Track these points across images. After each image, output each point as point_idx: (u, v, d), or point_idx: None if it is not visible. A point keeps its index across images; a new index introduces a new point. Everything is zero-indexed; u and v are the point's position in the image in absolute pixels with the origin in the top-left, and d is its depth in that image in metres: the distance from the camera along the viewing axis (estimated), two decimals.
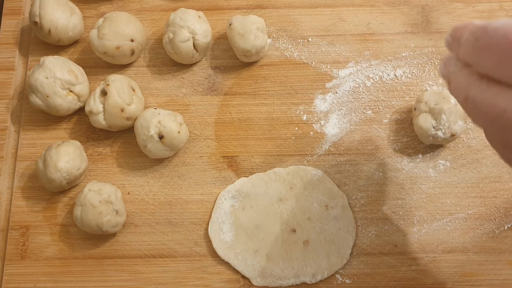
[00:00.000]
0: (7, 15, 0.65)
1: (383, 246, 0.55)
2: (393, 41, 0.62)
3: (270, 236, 0.55)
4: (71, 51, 0.63)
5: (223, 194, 0.56)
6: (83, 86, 0.58)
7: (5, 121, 0.61)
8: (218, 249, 0.54)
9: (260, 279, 0.53)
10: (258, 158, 0.58)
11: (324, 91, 0.60)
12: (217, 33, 0.63)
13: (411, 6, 0.63)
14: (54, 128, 0.60)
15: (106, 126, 0.57)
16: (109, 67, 0.62)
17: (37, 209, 0.57)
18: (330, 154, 0.58)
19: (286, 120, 0.59)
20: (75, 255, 0.56)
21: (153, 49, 0.63)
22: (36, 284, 0.55)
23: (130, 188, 0.58)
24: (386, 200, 0.56)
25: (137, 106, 0.57)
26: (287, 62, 0.62)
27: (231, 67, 0.62)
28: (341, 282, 0.54)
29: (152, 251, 0.56)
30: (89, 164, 0.58)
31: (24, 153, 0.59)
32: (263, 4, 0.64)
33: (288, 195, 0.56)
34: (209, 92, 0.61)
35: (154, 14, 0.64)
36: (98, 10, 0.65)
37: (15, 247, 0.56)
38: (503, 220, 0.55)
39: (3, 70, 0.63)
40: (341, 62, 0.61)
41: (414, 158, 0.57)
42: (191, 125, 0.60)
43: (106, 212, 0.53)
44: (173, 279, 0.55)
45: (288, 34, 0.63)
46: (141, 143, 0.56)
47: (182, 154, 0.59)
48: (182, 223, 0.56)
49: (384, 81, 0.60)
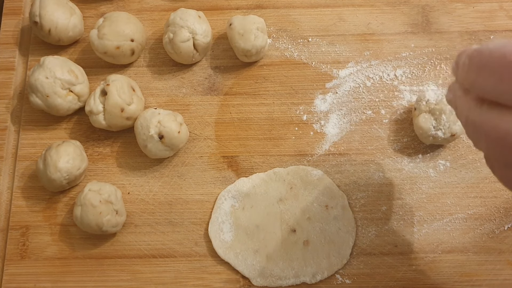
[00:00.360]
0: (7, 15, 0.65)
1: (383, 246, 0.55)
2: (393, 41, 0.62)
3: (270, 236, 0.55)
4: (71, 51, 0.63)
5: (223, 194, 0.56)
6: (83, 86, 0.58)
7: (5, 121, 0.61)
8: (218, 249, 0.55)
9: (260, 279, 0.53)
10: (258, 158, 0.58)
11: (324, 91, 0.60)
12: (217, 33, 0.63)
13: (411, 6, 0.63)
14: (54, 128, 0.60)
15: (106, 126, 0.57)
16: (109, 67, 0.62)
17: (37, 209, 0.57)
18: (330, 154, 0.58)
19: (286, 120, 0.59)
20: (75, 255, 0.56)
21: (153, 49, 0.63)
22: (36, 284, 0.55)
23: (130, 188, 0.58)
24: (386, 200, 0.56)
25: (137, 106, 0.57)
26: (287, 62, 0.62)
27: (231, 67, 0.62)
28: (341, 282, 0.54)
29: (152, 251, 0.56)
30: (89, 164, 0.58)
31: (24, 153, 0.59)
32: (263, 4, 0.64)
33: (288, 195, 0.56)
34: (209, 92, 0.61)
35: (154, 14, 0.64)
36: (98, 10, 0.65)
37: (15, 247, 0.56)
38: (503, 220, 0.55)
39: (3, 70, 0.63)
40: (341, 62, 0.61)
41: (414, 158, 0.57)
42: (191, 125, 0.60)
43: (106, 212, 0.53)
44: (173, 279, 0.55)
45: (288, 34, 0.63)
46: (141, 143, 0.56)
47: (182, 154, 0.59)
48: (182, 223, 0.56)
49: (384, 81, 0.60)
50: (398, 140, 0.58)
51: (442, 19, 0.62)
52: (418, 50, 0.61)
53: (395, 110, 0.59)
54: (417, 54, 0.61)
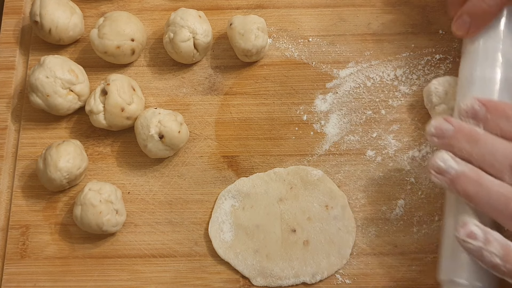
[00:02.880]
0: (8, 14, 0.65)
1: (383, 246, 0.55)
2: (394, 41, 0.62)
3: (270, 236, 0.55)
4: (72, 50, 0.63)
5: (223, 194, 0.56)
6: (84, 86, 0.58)
7: (5, 120, 0.61)
8: (218, 249, 0.55)
9: (260, 279, 0.53)
10: (258, 158, 0.58)
11: (324, 91, 0.60)
12: (218, 32, 0.63)
13: (411, 7, 0.63)
14: (54, 127, 0.60)
15: (106, 126, 0.57)
16: (109, 67, 0.62)
17: (37, 208, 0.57)
18: (330, 154, 0.58)
19: (286, 120, 0.59)
20: (75, 255, 0.56)
21: (154, 48, 0.63)
22: (36, 283, 0.55)
23: (130, 187, 0.58)
24: (386, 200, 0.56)
25: (138, 106, 0.57)
26: (288, 62, 0.62)
27: (231, 67, 0.62)
28: (341, 282, 0.54)
29: (152, 251, 0.56)
30: (89, 164, 0.58)
31: (24, 152, 0.59)
32: (263, 4, 0.64)
33: (288, 195, 0.56)
34: (210, 92, 0.61)
35: (154, 13, 0.64)
36: (99, 9, 0.65)
37: (15, 246, 0.56)
38: None
39: (3, 69, 0.63)
40: (342, 62, 0.61)
41: (415, 158, 0.57)
42: (191, 125, 0.60)
43: (106, 211, 0.53)
44: (173, 278, 0.55)
45: (288, 34, 0.63)
46: (141, 143, 0.56)
47: (182, 154, 0.59)
48: (182, 223, 0.56)
49: (385, 81, 0.60)
50: (398, 140, 0.58)
51: (442, 19, 0.62)
52: (419, 50, 0.61)
53: (396, 110, 0.59)
54: (417, 54, 0.61)
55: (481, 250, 0.42)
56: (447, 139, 0.46)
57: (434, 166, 0.46)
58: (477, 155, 0.44)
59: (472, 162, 0.45)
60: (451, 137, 0.46)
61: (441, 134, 0.46)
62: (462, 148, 0.45)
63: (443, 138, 0.46)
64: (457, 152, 0.45)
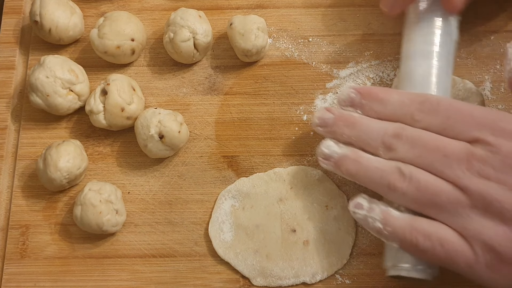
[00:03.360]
0: (8, 14, 0.65)
1: (383, 246, 0.55)
2: (394, 41, 0.62)
3: (270, 236, 0.55)
4: (72, 50, 0.63)
5: (223, 194, 0.56)
6: (84, 86, 0.58)
7: (5, 120, 0.61)
8: (218, 249, 0.55)
9: (260, 279, 0.54)
10: (258, 158, 0.58)
11: (324, 91, 0.60)
12: (218, 32, 0.63)
13: None
14: (54, 127, 0.60)
15: (106, 126, 0.57)
16: (109, 67, 0.62)
17: (37, 208, 0.57)
18: None
19: (287, 120, 0.59)
20: (75, 255, 0.56)
21: (154, 48, 0.63)
22: (36, 283, 0.55)
23: (130, 187, 0.58)
24: None
25: (138, 106, 0.57)
26: (288, 62, 0.62)
27: (231, 67, 0.62)
28: (341, 282, 0.54)
29: (152, 251, 0.56)
30: (89, 164, 0.58)
31: (24, 152, 0.59)
32: (263, 3, 0.64)
33: (288, 195, 0.56)
34: (210, 92, 0.61)
35: (154, 13, 0.64)
36: (99, 9, 0.65)
37: (15, 246, 0.56)
38: None
39: (3, 69, 0.63)
40: (342, 62, 0.61)
41: None
42: (192, 125, 0.60)
43: (106, 211, 0.53)
44: (173, 278, 0.55)
45: (288, 34, 0.63)
46: (141, 143, 0.56)
47: (182, 154, 0.59)
48: (182, 223, 0.56)
49: (385, 82, 0.60)
50: None
51: None
52: None
53: None
54: None
55: (366, 218, 0.47)
56: (329, 127, 0.50)
57: (321, 153, 0.50)
58: (355, 137, 0.48)
59: (353, 144, 0.49)
60: (333, 125, 0.50)
61: (324, 123, 0.50)
62: (343, 133, 0.49)
63: (326, 126, 0.50)
64: (339, 137, 0.49)
